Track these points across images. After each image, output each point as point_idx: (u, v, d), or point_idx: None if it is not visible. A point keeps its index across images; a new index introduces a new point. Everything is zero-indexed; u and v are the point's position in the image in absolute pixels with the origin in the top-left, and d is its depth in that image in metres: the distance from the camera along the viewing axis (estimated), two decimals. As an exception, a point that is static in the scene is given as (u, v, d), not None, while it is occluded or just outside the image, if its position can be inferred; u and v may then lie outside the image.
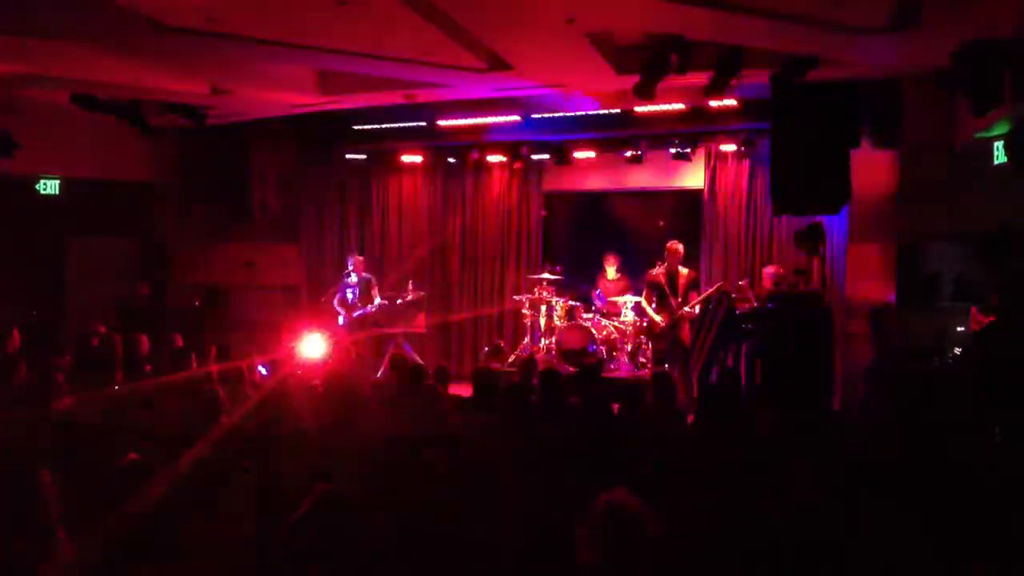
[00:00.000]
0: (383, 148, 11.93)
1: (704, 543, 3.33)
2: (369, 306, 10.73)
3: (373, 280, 11.01)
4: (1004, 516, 3.53)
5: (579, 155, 11.11)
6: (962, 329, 7.50)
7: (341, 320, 10.79)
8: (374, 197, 12.55)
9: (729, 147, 10.47)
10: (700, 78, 7.55)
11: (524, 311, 11.29)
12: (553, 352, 10.66)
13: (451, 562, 3.28)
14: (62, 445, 4.54)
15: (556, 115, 10.43)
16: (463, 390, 7.40)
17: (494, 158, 11.63)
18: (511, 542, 3.39)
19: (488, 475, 4.03)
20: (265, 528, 3.50)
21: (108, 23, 6.79)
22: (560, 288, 11.17)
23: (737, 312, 9.66)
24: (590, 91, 9.19)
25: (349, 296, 10.80)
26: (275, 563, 3.13)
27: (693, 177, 11.12)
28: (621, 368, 10.48)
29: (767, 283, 9.61)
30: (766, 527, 3.45)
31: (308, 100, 9.45)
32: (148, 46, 7.46)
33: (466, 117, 10.67)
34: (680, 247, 9.40)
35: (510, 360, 10.87)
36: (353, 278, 10.79)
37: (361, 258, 11.16)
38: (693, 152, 10.51)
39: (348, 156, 12.04)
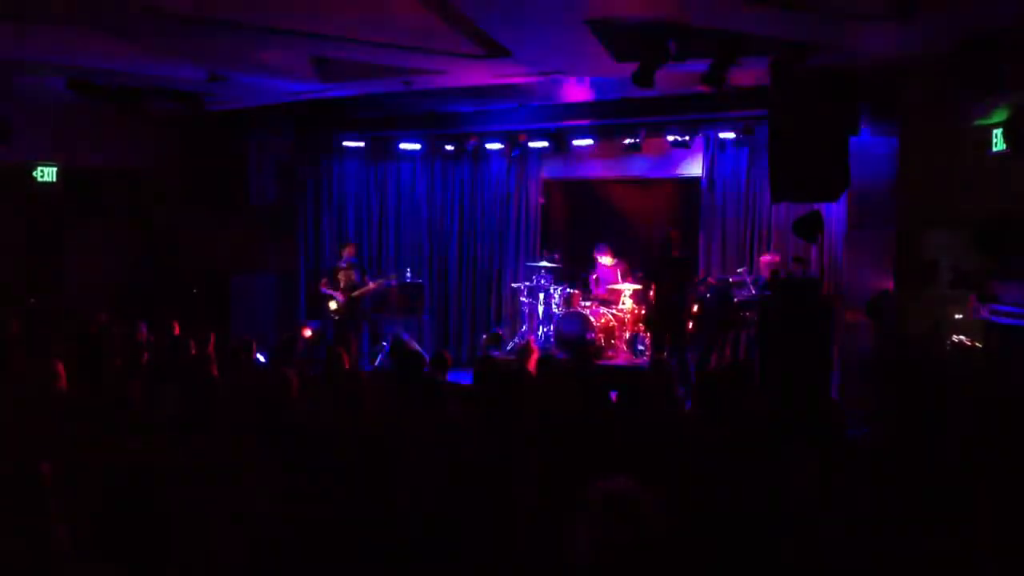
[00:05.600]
0: (381, 135, 11.90)
1: (701, 529, 3.34)
2: (371, 283, 10.87)
3: (363, 267, 11.17)
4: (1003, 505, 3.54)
5: (577, 143, 11.09)
6: (960, 316, 7.51)
7: (334, 304, 10.83)
8: (372, 184, 12.53)
9: (728, 134, 10.45)
10: (699, 65, 7.53)
11: (522, 298, 11.31)
12: (551, 340, 10.68)
13: (447, 553, 3.29)
14: (62, 434, 4.54)
15: (554, 103, 10.40)
16: (462, 377, 7.42)
17: (492, 145, 11.60)
18: (507, 531, 3.40)
19: (485, 464, 4.04)
20: (264, 519, 3.51)
21: (104, 9, 6.76)
22: (558, 275, 11.18)
23: (735, 300, 9.70)
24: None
25: (342, 279, 10.85)
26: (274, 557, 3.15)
27: (692, 165, 11.11)
28: (619, 355, 10.51)
29: (765, 271, 9.63)
30: (763, 515, 3.46)
31: (305, 87, 9.42)
32: (145, 32, 7.43)
33: (464, 104, 10.64)
34: (674, 233, 9.51)
35: (508, 347, 10.89)
36: (344, 264, 10.91)
37: (353, 244, 11.26)
38: (692, 139, 10.49)
39: (346, 143, 12.01)
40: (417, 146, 11.96)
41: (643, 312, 10.31)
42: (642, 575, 2.46)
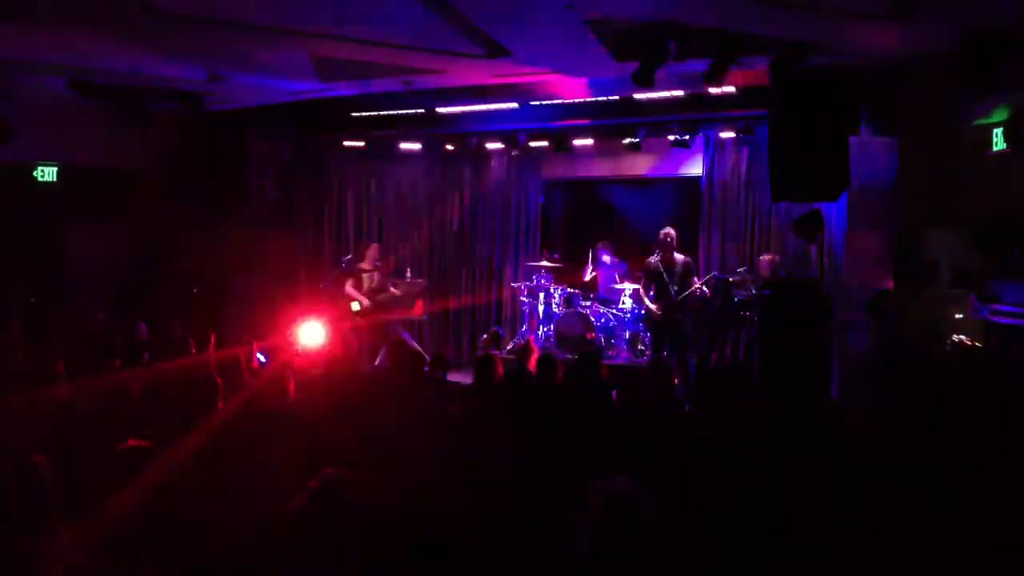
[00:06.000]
0: (382, 135, 11.90)
1: (701, 529, 3.34)
2: (392, 289, 10.85)
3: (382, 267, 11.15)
4: (1003, 505, 3.54)
5: (577, 142, 11.09)
6: (960, 316, 7.51)
7: (357, 306, 10.75)
8: (373, 184, 12.53)
9: (728, 134, 10.45)
10: (699, 65, 7.53)
11: (522, 298, 11.31)
12: (551, 339, 10.68)
13: (447, 553, 3.29)
14: (60, 432, 4.55)
15: (555, 102, 10.40)
16: (462, 377, 7.42)
17: (492, 145, 11.60)
18: (507, 531, 3.40)
19: (485, 464, 4.04)
20: (264, 516, 3.50)
21: (104, 8, 6.76)
22: (559, 275, 11.18)
23: (735, 300, 9.70)
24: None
25: (365, 282, 10.82)
26: (275, 551, 3.13)
27: (692, 164, 11.11)
28: (620, 355, 10.51)
29: (764, 271, 9.63)
30: (763, 515, 3.46)
31: (306, 87, 9.42)
32: (144, 32, 7.42)
33: (464, 104, 10.64)
34: (673, 233, 9.48)
35: (508, 347, 10.89)
36: (368, 265, 10.87)
37: (377, 245, 11.22)
38: (692, 139, 10.49)
39: (346, 143, 12.01)
40: (417, 146, 11.96)
41: (643, 312, 10.31)
42: (642, 575, 2.46)
